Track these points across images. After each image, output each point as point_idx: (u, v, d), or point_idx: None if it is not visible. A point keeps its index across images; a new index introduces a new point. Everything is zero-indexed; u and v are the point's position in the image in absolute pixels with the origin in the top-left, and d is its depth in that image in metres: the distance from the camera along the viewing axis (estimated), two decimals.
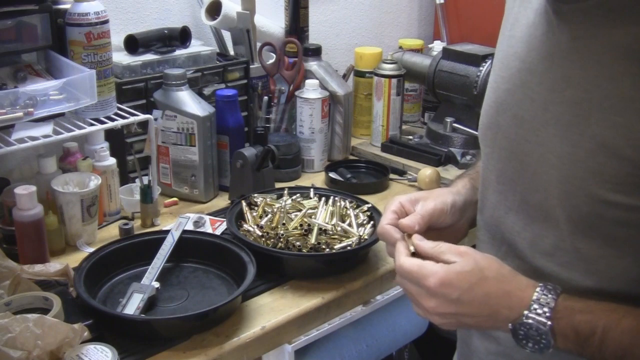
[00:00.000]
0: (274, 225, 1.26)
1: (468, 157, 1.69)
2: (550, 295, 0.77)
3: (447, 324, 0.82)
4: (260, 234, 1.25)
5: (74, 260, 1.20)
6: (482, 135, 0.95)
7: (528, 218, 0.86)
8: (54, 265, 1.11)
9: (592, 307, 0.76)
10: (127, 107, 1.37)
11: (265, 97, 1.70)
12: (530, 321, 0.76)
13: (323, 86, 1.71)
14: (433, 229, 0.92)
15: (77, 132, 1.25)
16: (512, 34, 0.90)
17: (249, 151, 1.46)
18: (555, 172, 0.80)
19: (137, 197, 1.41)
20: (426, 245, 0.84)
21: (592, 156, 0.76)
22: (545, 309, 0.76)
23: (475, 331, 0.97)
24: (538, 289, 0.77)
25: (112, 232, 1.36)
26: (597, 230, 0.78)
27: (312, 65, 1.73)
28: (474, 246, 0.96)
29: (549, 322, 0.76)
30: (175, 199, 1.51)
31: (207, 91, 1.57)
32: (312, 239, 1.21)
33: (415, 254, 0.84)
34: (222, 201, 1.52)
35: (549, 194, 0.81)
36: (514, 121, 0.86)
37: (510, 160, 0.87)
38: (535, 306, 0.76)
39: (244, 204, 1.34)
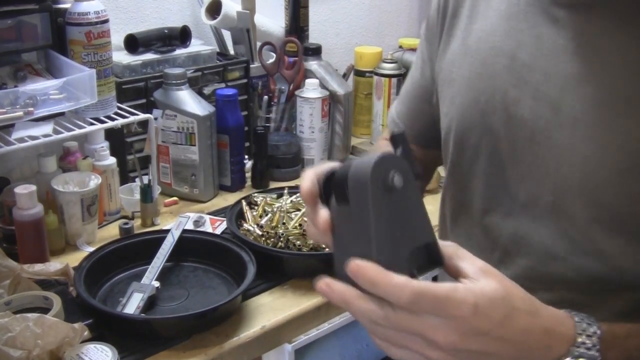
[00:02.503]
0: (274, 224, 1.26)
1: None
2: (594, 325, 0.65)
3: None
4: (260, 233, 1.25)
5: (74, 259, 1.20)
6: (459, 138, 0.88)
7: (536, 221, 0.82)
8: (54, 265, 1.11)
9: (633, 330, 0.68)
10: (127, 106, 1.37)
11: (265, 97, 1.70)
12: (580, 358, 0.64)
13: (323, 86, 1.71)
14: None
15: (77, 131, 1.25)
16: (478, 26, 0.85)
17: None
18: (578, 173, 0.76)
19: (137, 196, 1.41)
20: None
21: (622, 155, 0.73)
22: (594, 339, 0.64)
23: None
24: (577, 319, 0.65)
25: (112, 231, 1.36)
26: (625, 228, 0.76)
27: (312, 64, 1.73)
28: None
29: (599, 355, 0.64)
30: (175, 198, 1.51)
31: (207, 90, 1.57)
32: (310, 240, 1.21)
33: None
34: (222, 200, 1.52)
35: (567, 194, 0.77)
36: (511, 122, 0.81)
37: (508, 164, 0.83)
38: (582, 339, 0.64)
39: (244, 203, 1.34)
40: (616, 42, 0.73)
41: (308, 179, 0.69)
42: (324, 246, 1.22)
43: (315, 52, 1.75)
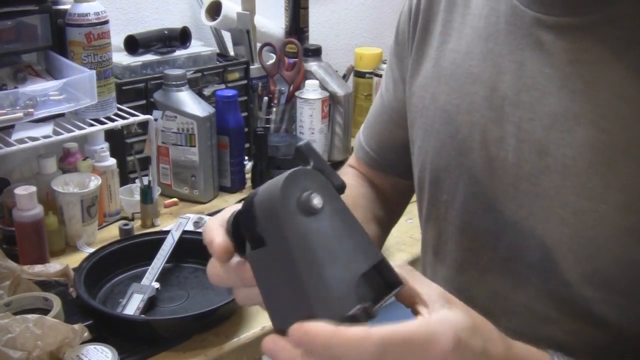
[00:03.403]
0: None
1: None
2: None
3: None
4: None
5: (74, 260, 1.20)
6: (435, 178, 0.78)
7: (520, 279, 0.71)
8: (54, 266, 1.11)
9: None
10: (127, 107, 1.37)
11: (265, 98, 1.70)
12: None
13: (323, 87, 1.71)
14: None
15: (77, 132, 1.25)
16: (452, 46, 0.75)
17: None
18: (570, 231, 0.65)
19: (137, 197, 1.41)
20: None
21: (621, 213, 0.62)
22: None
23: None
24: (555, 358, 0.58)
25: (112, 232, 1.36)
26: (622, 292, 0.65)
27: (312, 65, 1.73)
28: None
29: None
30: (175, 199, 1.51)
31: (207, 91, 1.57)
32: None
33: None
34: (222, 201, 1.52)
35: (556, 252, 0.67)
36: (490, 163, 0.71)
37: (487, 212, 0.72)
38: None
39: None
40: (612, 73, 0.61)
41: (217, 232, 0.55)
42: None
43: (315, 53, 1.75)
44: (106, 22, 1.28)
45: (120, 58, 1.47)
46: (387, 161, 0.93)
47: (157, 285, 1.12)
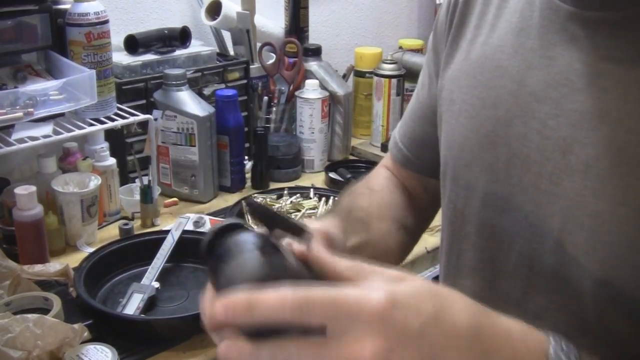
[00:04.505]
0: None
1: None
2: (571, 346, 0.53)
3: None
4: None
5: (74, 260, 1.20)
6: (455, 174, 0.76)
7: (531, 286, 0.68)
8: (54, 266, 1.11)
9: None
10: (127, 107, 1.37)
11: (265, 97, 1.70)
12: None
13: (323, 86, 1.71)
14: None
15: (77, 132, 1.25)
16: (483, 39, 0.73)
17: None
18: (587, 235, 0.62)
19: (137, 197, 1.41)
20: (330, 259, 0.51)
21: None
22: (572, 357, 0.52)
23: None
24: (552, 337, 0.54)
25: (112, 232, 1.36)
26: (638, 303, 0.60)
27: (312, 65, 1.73)
28: None
29: None
30: (175, 199, 1.51)
31: (207, 91, 1.57)
32: None
33: None
34: (222, 201, 1.52)
35: (572, 259, 0.63)
36: (512, 160, 0.69)
37: (505, 211, 0.69)
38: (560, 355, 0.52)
39: (243, 204, 1.34)
40: None
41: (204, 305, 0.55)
42: None
43: (315, 52, 1.75)
44: (106, 21, 1.28)
45: (120, 58, 1.47)
46: (419, 160, 0.90)
47: (157, 285, 1.12)
